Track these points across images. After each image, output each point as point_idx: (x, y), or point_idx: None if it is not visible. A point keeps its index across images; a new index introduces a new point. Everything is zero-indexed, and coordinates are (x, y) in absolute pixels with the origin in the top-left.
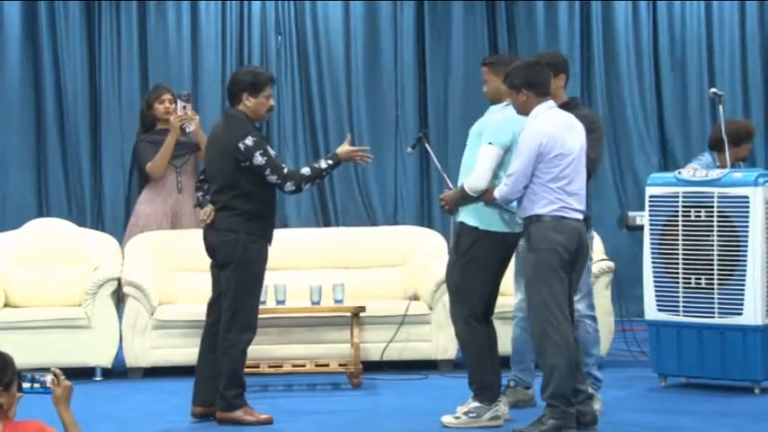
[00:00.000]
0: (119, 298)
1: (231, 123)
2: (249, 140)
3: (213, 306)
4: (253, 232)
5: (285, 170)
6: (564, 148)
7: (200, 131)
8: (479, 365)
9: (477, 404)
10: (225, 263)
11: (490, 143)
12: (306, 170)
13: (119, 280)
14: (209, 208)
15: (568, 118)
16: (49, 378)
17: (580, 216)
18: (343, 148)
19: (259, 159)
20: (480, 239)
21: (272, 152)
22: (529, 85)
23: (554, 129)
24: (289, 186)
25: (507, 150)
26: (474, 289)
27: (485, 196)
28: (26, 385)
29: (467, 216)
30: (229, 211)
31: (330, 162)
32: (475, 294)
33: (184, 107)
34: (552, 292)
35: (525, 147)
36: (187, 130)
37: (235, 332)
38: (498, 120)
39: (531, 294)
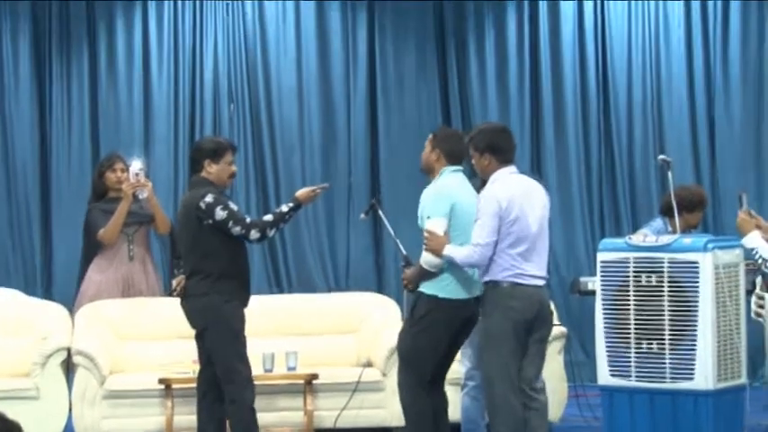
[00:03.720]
0: (68, 368)
1: (193, 188)
2: (209, 198)
3: (201, 376)
4: (224, 292)
5: (247, 220)
6: (521, 212)
7: (153, 198)
8: None
9: None
10: (202, 328)
11: (429, 217)
12: (268, 217)
13: (68, 350)
14: (179, 278)
15: (528, 182)
16: None
17: (539, 282)
18: (302, 191)
19: (220, 214)
20: (437, 308)
21: (233, 206)
22: (492, 150)
23: (511, 192)
24: (254, 234)
25: (450, 217)
26: (424, 356)
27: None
28: None
29: (426, 285)
30: (198, 274)
31: (291, 205)
32: (424, 362)
33: (137, 174)
34: (500, 360)
35: (485, 212)
36: (140, 196)
37: (236, 393)
38: (430, 194)
39: (481, 360)
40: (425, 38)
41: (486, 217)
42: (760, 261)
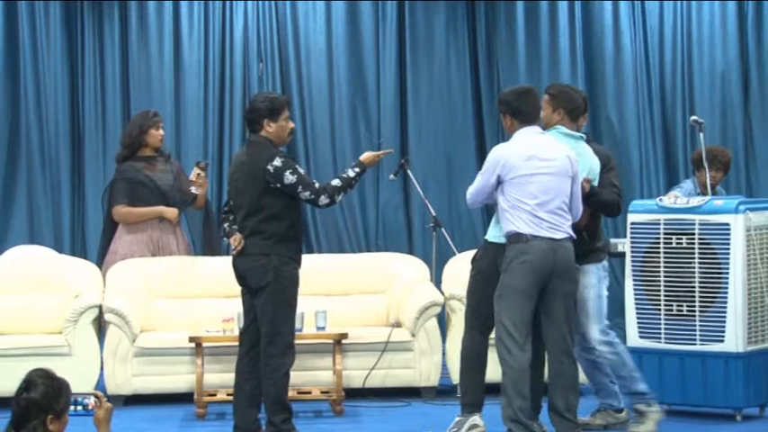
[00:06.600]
0: (100, 325)
1: (256, 148)
2: (277, 161)
3: (245, 334)
4: (283, 254)
5: (317, 185)
6: (530, 169)
7: (202, 199)
8: (464, 376)
9: (458, 418)
10: (258, 288)
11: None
12: (336, 181)
13: (100, 307)
14: (237, 236)
15: (544, 140)
16: (91, 401)
17: (556, 235)
18: (366, 155)
19: (290, 178)
20: (486, 251)
21: (301, 170)
22: (513, 113)
23: (517, 151)
24: (323, 200)
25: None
26: (474, 299)
27: None
28: (70, 408)
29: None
30: (258, 235)
31: (357, 170)
32: (473, 305)
33: (198, 174)
34: (510, 313)
35: (485, 166)
36: (193, 191)
37: (276, 356)
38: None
39: (495, 312)
40: None
41: (484, 170)
42: None
